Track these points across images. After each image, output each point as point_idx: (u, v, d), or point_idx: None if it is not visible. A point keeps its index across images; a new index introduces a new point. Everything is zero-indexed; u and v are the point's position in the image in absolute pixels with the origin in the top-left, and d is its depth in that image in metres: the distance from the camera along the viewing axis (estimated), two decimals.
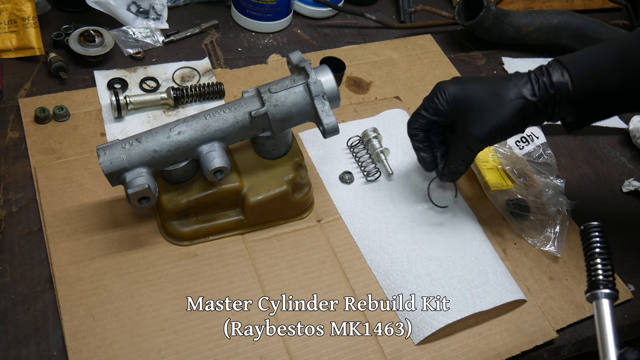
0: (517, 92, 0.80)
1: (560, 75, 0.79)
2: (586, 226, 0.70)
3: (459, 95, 0.83)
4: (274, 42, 1.21)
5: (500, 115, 0.80)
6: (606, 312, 0.67)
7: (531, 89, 0.80)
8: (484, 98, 0.81)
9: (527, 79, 0.80)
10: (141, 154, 0.76)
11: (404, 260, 0.89)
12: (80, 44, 1.05)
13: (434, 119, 0.86)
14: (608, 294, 0.67)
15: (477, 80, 0.84)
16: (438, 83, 0.85)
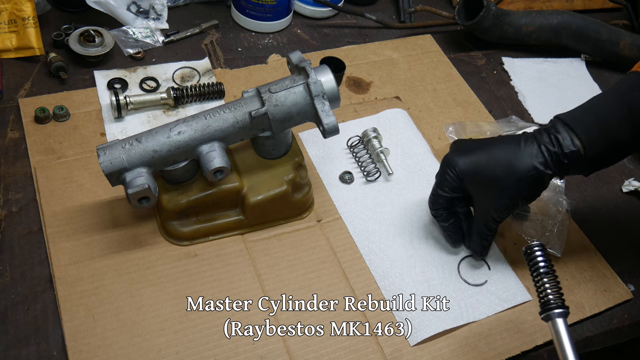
0: (530, 165, 0.78)
1: (570, 143, 0.78)
2: (528, 247, 0.75)
3: (470, 170, 0.82)
4: (274, 42, 1.21)
5: (517, 191, 0.80)
6: (562, 330, 0.71)
7: (544, 161, 0.78)
8: (497, 174, 0.80)
9: (539, 150, 0.79)
10: (141, 154, 0.76)
11: (403, 263, 0.89)
12: (80, 44, 1.05)
13: (453, 196, 0.85)
14: (561, 313, 0.71)
15: (485, 150, 0.82)
16: (445, 157, 0.85)
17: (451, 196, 0.85)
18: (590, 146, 0.78)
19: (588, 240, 0.98)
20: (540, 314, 0.73)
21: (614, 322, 0.90)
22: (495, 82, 1.24)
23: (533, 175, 0.79)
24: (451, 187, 0.84)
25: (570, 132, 0.78)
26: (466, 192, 0.85)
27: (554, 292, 0.72)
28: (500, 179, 0.80)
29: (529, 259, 0.75)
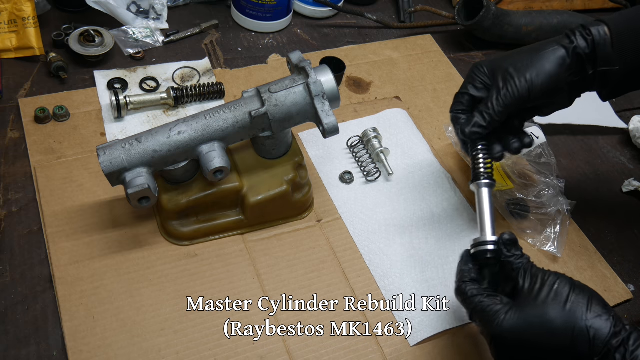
0: (554, 44, 0.79)
1: (597, 31, 0.77)
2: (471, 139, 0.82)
3: (497, 63, 0.80)
4: (274, 42, 1.21)
5: (539, 71, 0.78)
6: (485, 197, 0.80)
7: (567, 48, 0.78)
8: (522, 57, 0.79)
9: (564, 35, 0.79)
10: (141, 154, 0.76)
11: (403, 263, 0.89)
12: (80, 44, 1.05)
13: (474, 94, 0.82)
14: (487, 184, 0.80)
15: (512, 51, 0.82)
16: (474, 63, 0.83)
17: (472, 94, 0.81)
18: (618, 38, 0.77)
19: (588, 240, 0.98)
20: (470, 183, 0.82)
21: None
22: None
23: (556, 56, 0.78)
24: (474, 84, 0.81)
25: (599, 25, 0.78)
26: (488, 91, 0.81)
27: (486, 167, 0.81)
28: (524, 58, 0.79)
29: (472, 145, 0.82)
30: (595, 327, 0.63)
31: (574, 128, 1.16)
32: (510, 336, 0.66)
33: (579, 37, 0.78)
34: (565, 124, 1.15)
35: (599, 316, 0.64)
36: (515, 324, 0.66)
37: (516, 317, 0.66)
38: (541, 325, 0.65)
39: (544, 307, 0.66)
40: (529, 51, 0.80)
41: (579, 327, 0.64)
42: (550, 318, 0.65)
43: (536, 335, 0.65)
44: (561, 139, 1.15)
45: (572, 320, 0.64)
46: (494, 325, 0.67)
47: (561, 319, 0.65)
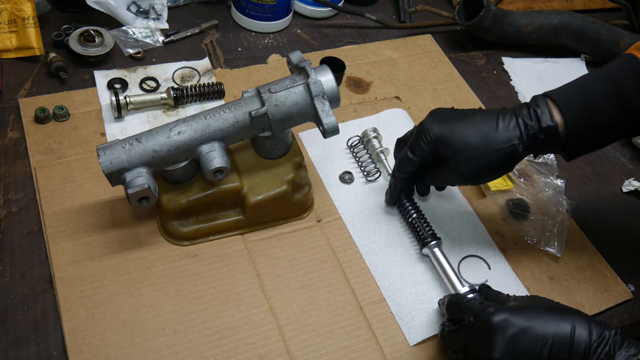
0: (505, 138, 0.77)
1: (549, 117, 0.76)
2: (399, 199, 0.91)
3: (446, 137, 0.79)
4: (274, 42, 1.21)
5: (489, 161, 0.78)
6: (441, 256, 0.86)
7: (519, 135, 0.77)
8: (472, 143, 0.78)
9: (516, 124, 0.77)
10: (141, 154, 0.76)
11: (403, 263, 0.89)
12: (80, 44, 1.05)
13: (420, 163, 0.84)
14: (436, 244, 0.87)
15: (462, 120, 0.80)
16: (421, 123, 0.82)
17: (420, 162, 0.83)
18: (572, 123, 0.76)
19: (588, 240, 0.98)
20: (421, 249, 0.88)
21: (614, 322, 0.90)
22: (495, 82, 1.24)
23: (506, 148, 0.77)
24: (423, 153, 0.82)
25: (551, 107, 0.77)
26: (435, 159, 0.83)
27: (428, 231, 0.88)
28: (474, 147, 0.78)
29: (402, 209, 0.92)
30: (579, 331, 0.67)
31: None
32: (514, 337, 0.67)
33: (530, 138, 0.77)
34: None
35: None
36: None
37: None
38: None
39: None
40: (479, 135, 0.78)
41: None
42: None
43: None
44: None
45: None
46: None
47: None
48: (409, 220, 0.91)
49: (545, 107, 0.77)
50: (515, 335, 0.67)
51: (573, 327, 0.66)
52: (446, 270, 0.86)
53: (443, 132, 0.80)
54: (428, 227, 0.89)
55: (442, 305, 0.80)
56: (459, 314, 0.75)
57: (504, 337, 0.67)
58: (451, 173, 0.82)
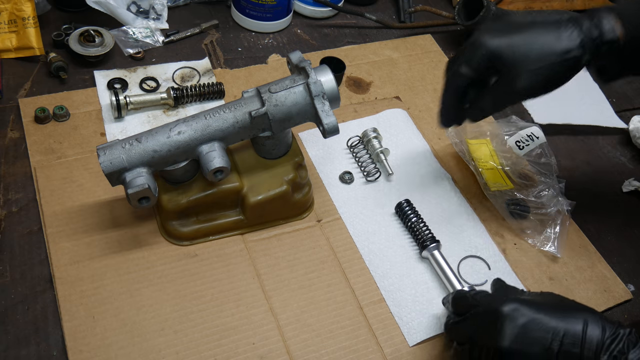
0: (568, 49, 0.75)
1: (612, 30, 0.75)
2: (398, 204, 0.92)
3: (504, 51, 0.75)
4: (274, 42, 1.21)
5: (550, 74, 0.76)
6: (440, 259, 0.87)
7: (581, 45, 0.75)
8: (533, 56, 0.75)
9: (578, 34, 0.75)
10: (141, 154, 0.76)
11: (403, 264, 0.89)
12: (80, 44, 1.05)
13: (471, 80, 0.79)
14: (435, 246, 0.88)
15: (520, 31, 0.77)
16: (475, 37, 0.77)
17: (473, 76, 0.79)
18: (630, 35, 0.75)
19: (588, 240, 0.98)
20: (420, 253, 0.89)
21: None
22: None
23: (569, 60, 0.75)
24: (478, 67, 0.78)
25: (614, 19, 0.75)
26: (487, 76, 0.79)
27: (428, 234, 0.89)
28: (533, 61, 0.75)
29: (401, 214, 0.92)
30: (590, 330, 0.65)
31: (574, 128, 1.16)
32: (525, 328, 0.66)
33: (593, 49, 0.76)
34: (565, 124, 1.15)
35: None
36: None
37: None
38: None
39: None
40: (541, 43, 0.75)
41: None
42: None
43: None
44: (561, 139, 1.15)
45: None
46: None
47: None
48: (408, 224, 0.92)
49: (609, 18, 0.76)
50: (526, 325, 0.65)
51: (586, 322, 0.65)
52: (446, 272, 0.86)
53: (501, 46, 0.76)
54: (427, 230, 0.90)
55: (447, 303, 0.78)
56: (465, 307, 0.73)
57: (513, 326, 0.65)
58: (508, 89, 0.77)
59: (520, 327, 0.65)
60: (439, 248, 0.88)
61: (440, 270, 0.86)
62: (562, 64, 0.76)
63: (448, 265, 0.86)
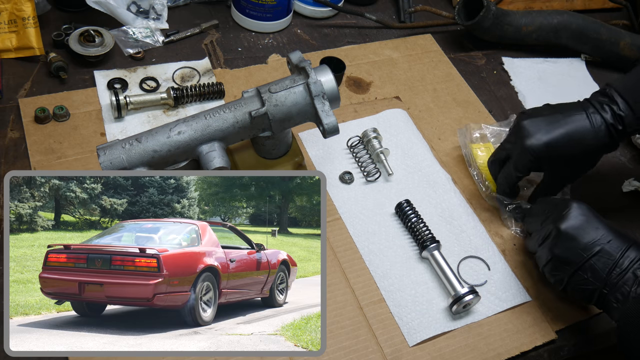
0: (599, 142, 0.88)
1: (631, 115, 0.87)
2: (398, 204, 0.93)
3: (549, 152, 0.88)
4: (274, 42, 1.21)
5: (588, 164, 0.92)
6: (440, 259, 0.88)
7: (610, 140, 0.88)
8: (574, 153, 0.88)
9: (605, 129, 0.87)
10: (141, 154, 0.76)
11: (403, 264, 0.89)
12: (80, 44, 1.05)
13: (523, 177, 0.93)
14: (435, 246, 0.88)
15: (559, 127, 0.88)
16: (524, 144, 0.88)
17: (525, 175, 0.92)
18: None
19: None
20: (420, 253, 0.89)
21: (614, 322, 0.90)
22: (495, 82, 1.24)
23: (602, 150, 0.90)
24: (527, 168, 0.90)
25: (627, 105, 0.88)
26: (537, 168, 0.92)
27: (427, 235, 0.89)
28: (576, 157, 0.89)
29: (401, 214, 0.93)
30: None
31: None
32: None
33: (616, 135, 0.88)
34: None
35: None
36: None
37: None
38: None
39: None
40: (577, 143, 0.88)
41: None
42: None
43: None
44: None
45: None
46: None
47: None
48: (408, 224, 0.92)
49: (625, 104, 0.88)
50: (587, 218, 0.80)
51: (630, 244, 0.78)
52: (446, 272, 0.86)
53: (545, 148, 0.88)
54: (427, 230, 0.90)
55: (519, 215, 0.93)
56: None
57: (577, 214, 0.80)
58: (556, 184, 0.94)
59: (582, 216, 0.80)
60: (439, 248, 0.88)
61: (440, 270, 0.86)
62: (594, 157, 0.91)
63: (448, 266, 0.86)
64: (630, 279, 0.75)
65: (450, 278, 0.85)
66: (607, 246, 0.78)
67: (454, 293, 0.83)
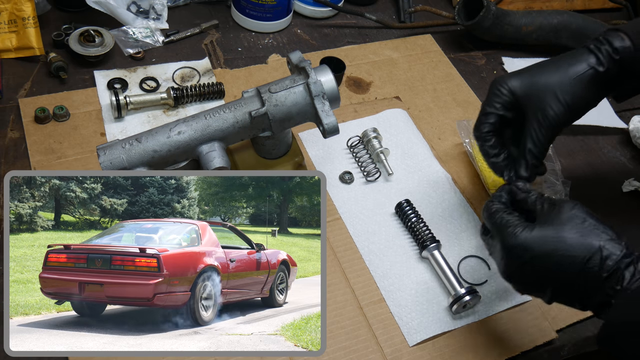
0: (584, 65, 0.78)
1: (621, 40, 0.78)
2: (398, 204, 0.92)
3: (524, 83, 0.79)
4: (274, 42, 1.21)
5: (573, 91, 0.78)
6: (440, 259, 0.87)
7: (596, 58, 0.78)
8: (552, 79, 0.78)
9: (588, 51, 0.79)
10: (141, 154, 0.76)
11: (402, 264, 0.89)
12: (80, 44, 1.05)
13: (502, 114, 0.80)
14: (435, 246, 0.88)
15: (536, 66, 0.80)
16: (494, 80, 0.81)
17: (500, 114, 0.80)
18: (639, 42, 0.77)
19: None
20: (420, 253, 0.89)
21: None
22: None
23: (588, 72, 0.78)
24: (502, 103, 0.80)
25: (618, 33, 0.78)
26: (517, 113, 0.80)
27: (428, 234, 0.89)
28: (555, 82, 0.77)
29: (401, 214, 0.92)
30: (608, 248, 0.66)
31: (574, 128, 1.16)
32: (524, 248, 0.68)
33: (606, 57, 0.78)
34: None
35: (612, 240, 0.67)
36: (530, 237, 0.68)
37: (533, 232, 0.68)
38: (557, 241, 0.67)
39: (561, 226, 0.68)
40: (557, 70, 0.78)
41: (593, 245, 0.66)
42: (566, 235, 0.67)
43: (550, 250, 0.67)
44: (561, 139, 1.15)
45: (587, 240, 0.67)
46: (509, 236, 0.69)
47: (577, 237, 0.67)
48: (408, 224, 0.92)
49: (614, 33, 0.79)
50: (582, 219, 0.68)
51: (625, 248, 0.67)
52: (446, 272, 0.86)
53: (519, 80, 0.79)
54: (427, 230, 0.90)
55: (502, 192, 0.78)
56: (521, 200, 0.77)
57: (570, 214, 0.69)
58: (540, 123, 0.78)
59: (573, 215, 0.69)
60: (439, 248, 0.88)
61: (440, 270, 0.86)
62: (582, 79, 0.77)
63: (448, 265, 0.86)
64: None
65: (450, 278, 0.85)
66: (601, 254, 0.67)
67: (454, 293, 0.83)
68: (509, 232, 0.70)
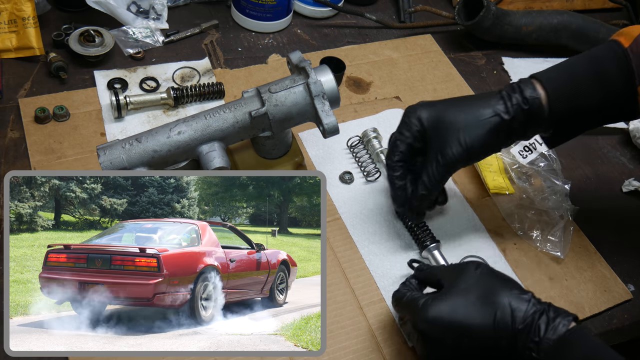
0: (490, 110, 0.78)
1: (532, 90, 0.78)
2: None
3: (432, 116, 0.80)
4: (274, 42, 1.21)
5: (475, 134, 0.78)
6: (440, 259, 0.87)
7: (504, 106, 0.78)
8: (458, 118, 0.78)
9: (499, 97, 0.79)
10: (141, 154, 0.76)
11: (403, 264, 0.89)
12: (80, 44, 1.05)
13: (411, 142, 0.82)
14: (435, 246, 0.88)
15: (448, 101, 0.82)
16: (407, 108, 0.83)
17: (410, 144, 0.82)
18: (555, 98, 0.77)
19: (588, 241, 0.98)
20: (420, 252, 0.89)
21: (614, 322, 0.90)
22: (495, 82, 1.24)
23: (493, 119, 0.78)
24: (411, 132, 0.81)
25: (534, 83, 0.78)
26: (424, 142, 0.82)
27: (428, 234, 0.89)
28: (460, 122, 0.78)
29: (400, 214, 0.93)
30: (516, 304, 0.68)
31: None
32: (436, 322, 0.69)
33: (515, 105, 0.78)
34: None
35: (519, 295, 0.69)
36: (440, 309, 0.69)
37: (441, 303, 0.70)
38: (465, 306, 0.69)
39: (467, 291, 0.70)
40: (466, 110, 0.79)
41: (501, 303, 0.68)
42: (474, 299, 0.69)
43: (461, 317, 0.68)
44: None
45: (494, 299, 0.69)
46: (420, 312, 0.70)
47: (483, 298, 0.69)
48: (408, 224, 0.92)
49: (528, 82, 0.79)
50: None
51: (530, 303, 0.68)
52: None
53: (429, 112, 0.80)
54: (427, 230, 0.90)
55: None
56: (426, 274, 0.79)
57: (474, 277, 0.72)
58: (438, 160, 0.79)
59: (477, 276, 0.72)
60: (439, 248, 0.88)
61: None
62: (486, 123, 0.78)
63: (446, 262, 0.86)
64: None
65: None
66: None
67: None
68: (418, 309, 0.71)
